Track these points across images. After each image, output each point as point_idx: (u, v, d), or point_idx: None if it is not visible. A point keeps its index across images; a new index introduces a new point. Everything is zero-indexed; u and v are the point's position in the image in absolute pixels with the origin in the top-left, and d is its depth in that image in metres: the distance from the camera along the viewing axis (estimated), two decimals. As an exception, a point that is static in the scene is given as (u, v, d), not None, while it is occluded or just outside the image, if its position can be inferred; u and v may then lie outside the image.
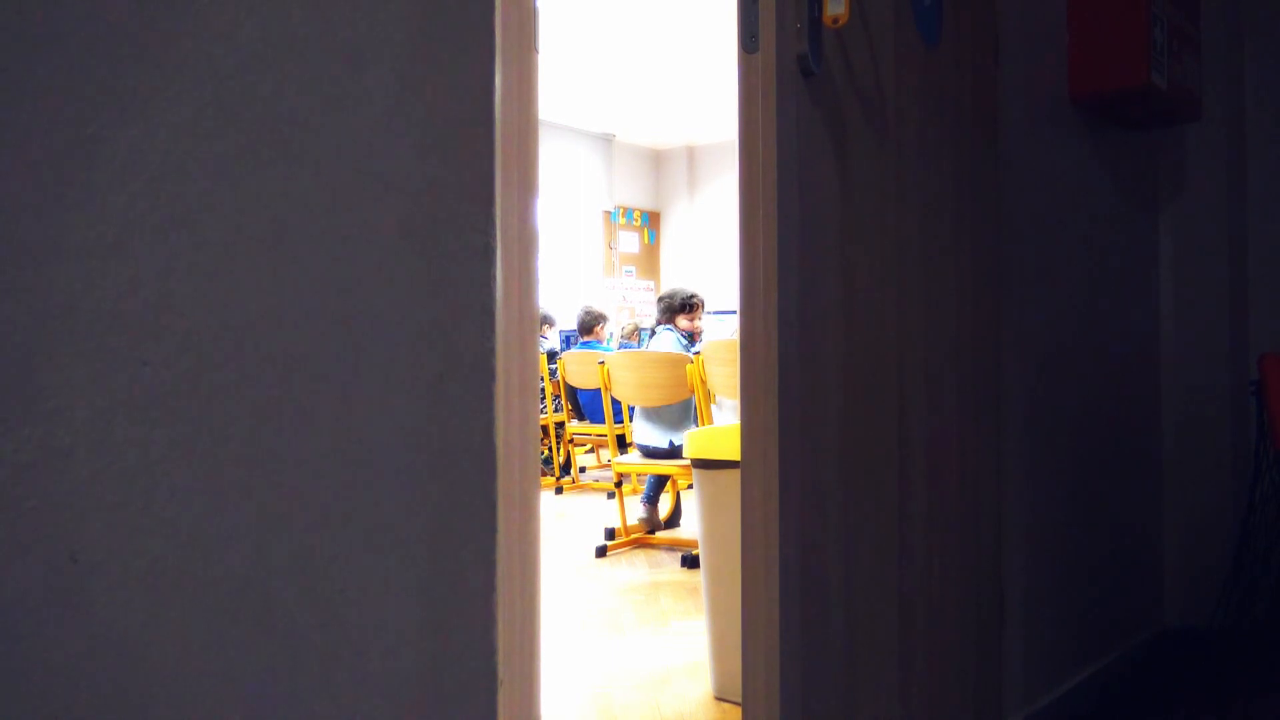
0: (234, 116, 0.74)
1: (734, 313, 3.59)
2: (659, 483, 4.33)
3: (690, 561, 3.72)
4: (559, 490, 5.72)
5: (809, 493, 1.15)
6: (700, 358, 3.90)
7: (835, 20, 1.01)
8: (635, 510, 4.37)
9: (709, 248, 9.69)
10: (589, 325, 6.01)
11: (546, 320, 6.66)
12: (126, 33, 0.68)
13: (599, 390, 4.72)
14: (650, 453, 4.04)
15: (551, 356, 5.93)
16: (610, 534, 4.18)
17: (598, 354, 4.76)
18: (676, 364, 3.97)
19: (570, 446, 5.94)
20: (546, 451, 5.87)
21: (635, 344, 6.64)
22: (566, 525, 4.63)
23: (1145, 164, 2.48)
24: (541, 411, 3.43)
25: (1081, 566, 2.12)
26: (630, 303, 9.63)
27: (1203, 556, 2.48)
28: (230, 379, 0.73)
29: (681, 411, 4.12)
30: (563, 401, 5.48)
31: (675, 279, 9.86)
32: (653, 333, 4.86)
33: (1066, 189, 2.07)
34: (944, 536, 1.57)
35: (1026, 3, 1.89)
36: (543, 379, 5.68)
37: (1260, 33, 2.54)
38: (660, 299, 4.69)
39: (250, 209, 0.75)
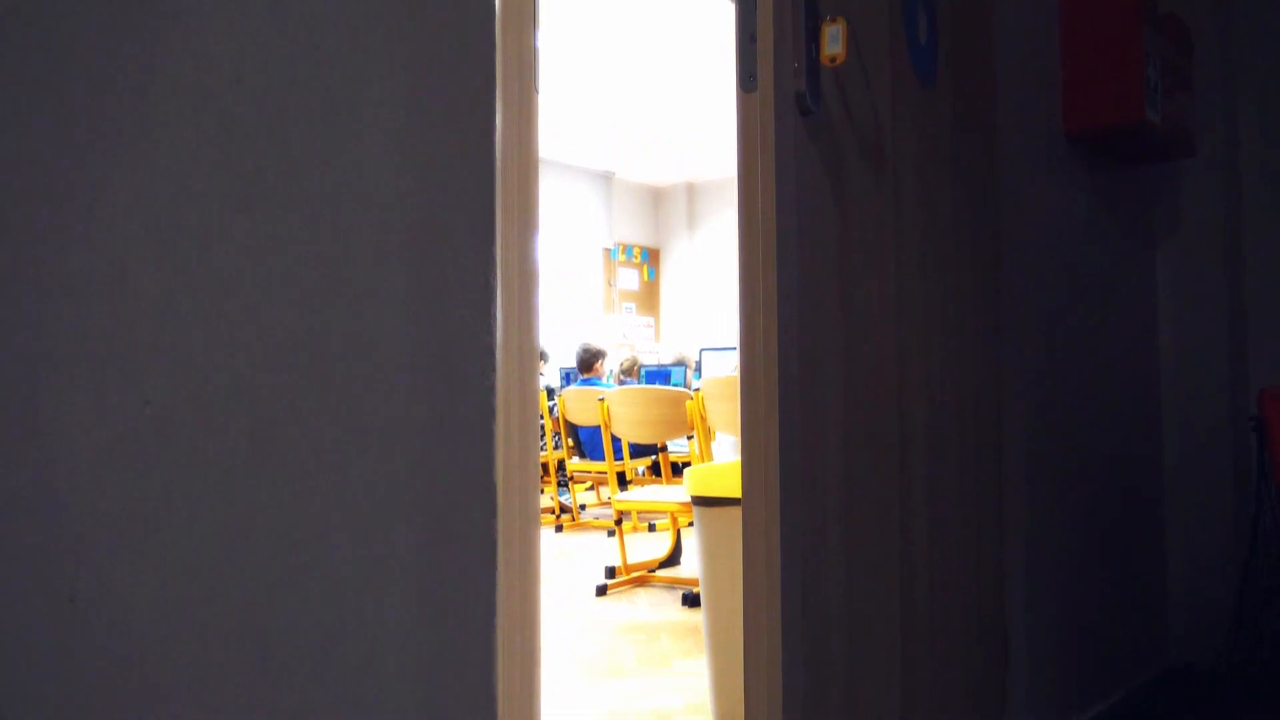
0: (237, 157, 0.74)
1: (734, 349, 3.60)
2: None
3: (691, 600, 3.69)
4: (559, 528, 5.69)
5: (810, 530, 1.14)
6: (700, 394, 3.90)
7: (833, 60, 1.02)
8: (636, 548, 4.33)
9: (709, 284, 9.71)
10: (588, 362, 6.01)
11: (541, 356, 6.66)
12: (136, 74, 0.68)
13: (599, 427, 4.71)
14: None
15: (550, 393, 5.92)
16: (610, 572, 4.16)
17: (598, 390, 4.76)
18: (676, 401, 3.96)
19: (570, 484, 5.91)
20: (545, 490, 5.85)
21: (634, 380, 6.64)
22: (567, 564, 4.60)
23: (1142, 199, 2.49)
24: (541, 449, 3.43)
25: (1085, 605, 2.10)
26: (630, 339, 9.64)
27: (1207, 594, 2.46)
28: (229, 418, 0.72)
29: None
30: (562, 439, 5.47)
31: (675, 315, 9.88)
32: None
33: (1064, 224, 2.08)
34: (946, 574, 1.56)
35: (1021, 41, 1.91)
36: (542, 416, 5.67)
37: (1252, 69, 2.56)
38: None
39: (251, 248, 0.75)
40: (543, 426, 5.68)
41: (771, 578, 1.09)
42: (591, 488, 7.02)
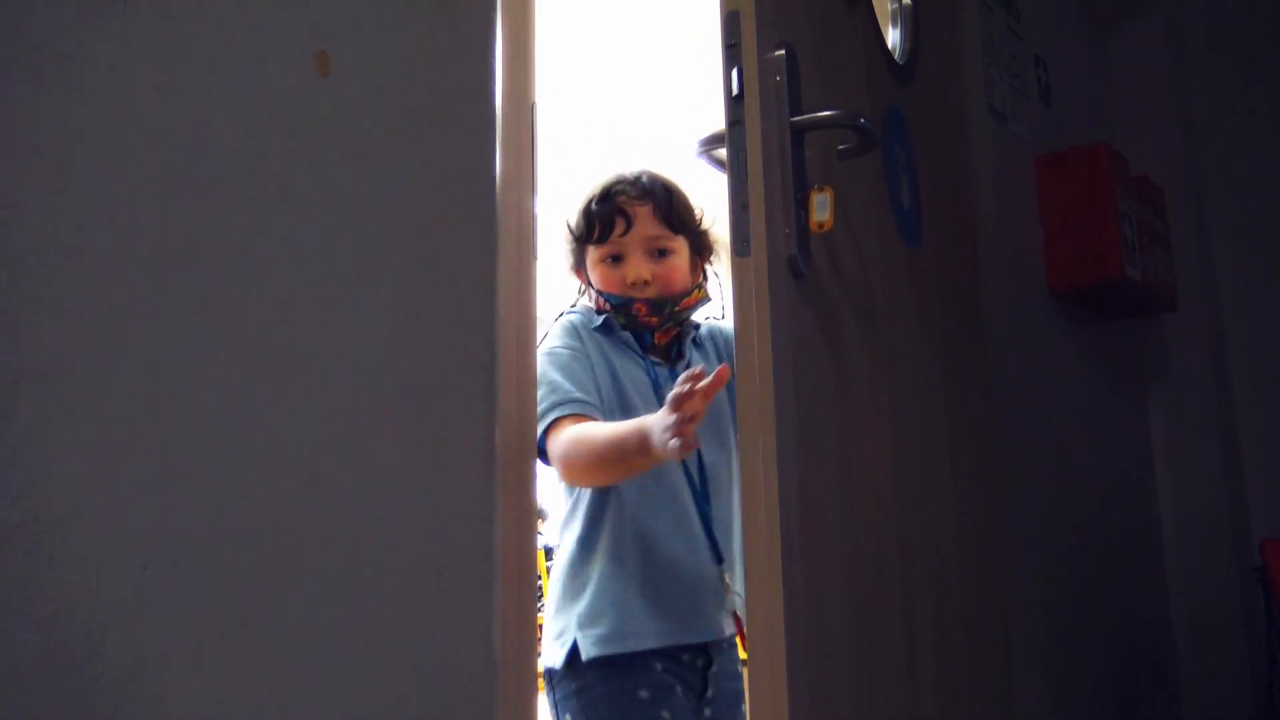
0: (242, 328, 0.77)
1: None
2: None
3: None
4: (555, 693, 5.48)
5: (817, 687, 1.12)
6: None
7: (821, 225, 1.07)
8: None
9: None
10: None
11: (540, 514, 6.59)
12: (152, 252, 0.71)
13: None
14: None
15: (549, 552, 5.83)
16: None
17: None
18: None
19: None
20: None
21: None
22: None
23: (1129, 353, 2.53)
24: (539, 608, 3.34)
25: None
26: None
27: (1229, 754, 2.37)
28: (227, 586, 0.72)
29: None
30: (559, 599, 5.35)
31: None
32: None
33: (1053, 378, 2.11)
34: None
35: (1001, 202, 1.99)
36: (540, 576, 5.56)
37: (1226, 225, 2.66)
38: None
39: (253, 419, 0.76)
40: (540, 587, 5.56)
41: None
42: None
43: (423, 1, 0.96)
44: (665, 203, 1.59)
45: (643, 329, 1.59)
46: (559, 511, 1.55)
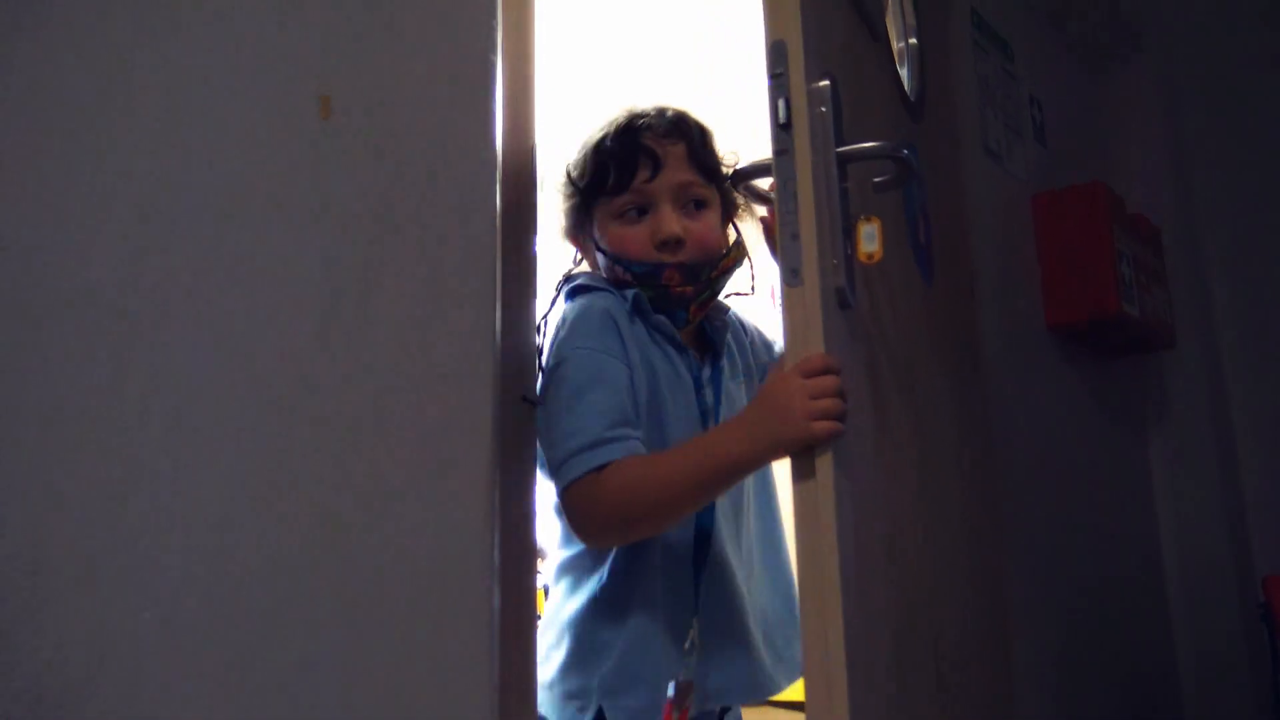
0: (244, 363, 0.77)
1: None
2: None
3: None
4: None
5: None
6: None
7: (870, 257, 1.04)
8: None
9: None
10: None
11: (540, 554, 6.55)
12: (157, 287, 0.72)
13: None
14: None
15: (546, 591, 5.78)
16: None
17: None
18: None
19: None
20: None
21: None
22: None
23: (1128, 390, 2.53)
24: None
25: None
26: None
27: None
28: (226, 625, 0.72)
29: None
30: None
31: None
32: None
33: (1054, 415, 2.11)
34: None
35: (999, 241, 2.00)
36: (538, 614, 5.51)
37: (1222, 263, 2.67)
38: None
39: (255, 458, 0.76)
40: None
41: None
42: None
43: (424, 46, 0.97)
44: (700, 142, 1.30)
45: (674, 304, 1.27)
46: (555, 548, 1.34)
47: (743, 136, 1.40)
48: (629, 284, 1.25)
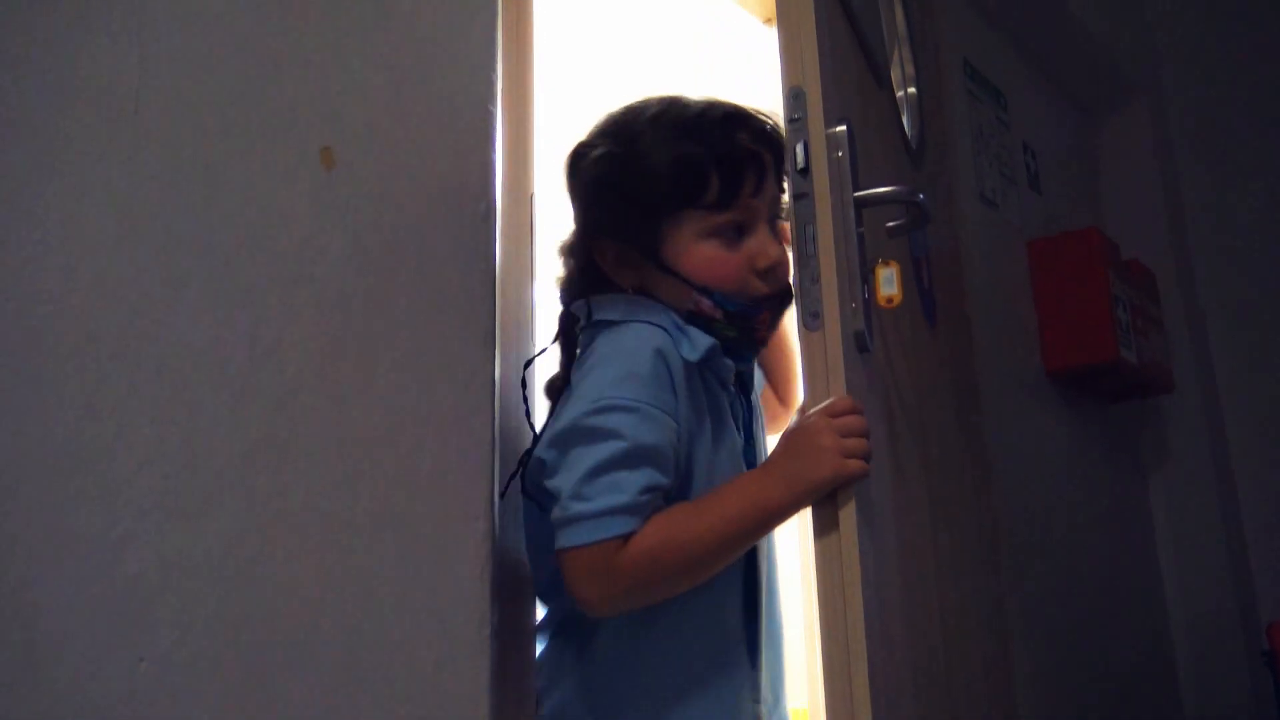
0: (241, 418, 0.77)
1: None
2: None
3: None
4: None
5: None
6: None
7: (890, 300, 1.05)
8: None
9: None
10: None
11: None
12: (158, 339, 0.72)
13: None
14: None
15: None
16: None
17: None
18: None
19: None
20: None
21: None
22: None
23: (1127, 435, 2.53)
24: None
25: None
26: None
27: None
28: (222, 679, 0.72)
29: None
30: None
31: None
32: None
33: (1054, 461, 2.11)
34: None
35: (995, 287, 2.01)
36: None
37: (1219, 306, 2.68)
38: None
39: (250, 512, 0.76)
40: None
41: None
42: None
43: (424, 96, 0.98)
44: (780, 152, 1.09)
45: (749, 349, 1.13)
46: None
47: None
48: (702, 315, 1.07)
